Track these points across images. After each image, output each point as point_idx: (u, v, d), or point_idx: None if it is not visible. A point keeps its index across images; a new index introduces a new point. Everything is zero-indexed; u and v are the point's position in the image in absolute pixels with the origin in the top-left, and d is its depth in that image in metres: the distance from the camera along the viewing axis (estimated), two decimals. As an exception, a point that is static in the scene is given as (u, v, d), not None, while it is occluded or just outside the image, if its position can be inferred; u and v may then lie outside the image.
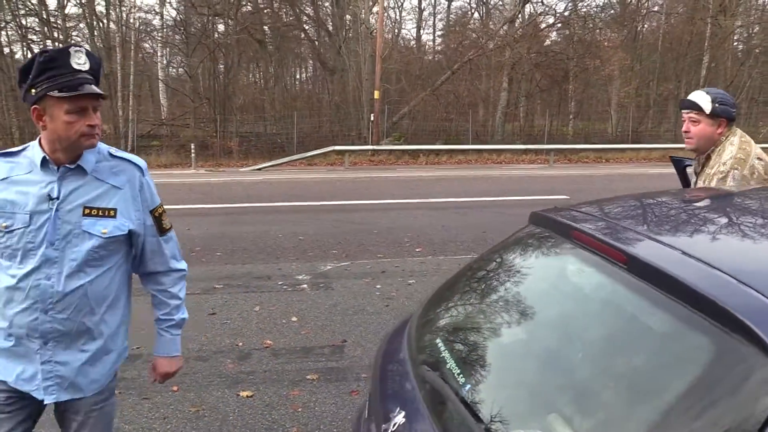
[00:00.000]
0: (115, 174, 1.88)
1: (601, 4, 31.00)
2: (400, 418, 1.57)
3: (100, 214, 1.84)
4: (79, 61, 1.73)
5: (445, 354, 1.64)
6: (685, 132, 2.89)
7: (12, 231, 1.76)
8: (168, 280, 2.10)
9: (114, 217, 1.86)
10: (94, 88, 1.75)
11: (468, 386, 1.46)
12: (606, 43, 26.77)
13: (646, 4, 30.31)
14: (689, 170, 3.14)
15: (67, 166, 1.81)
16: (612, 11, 30.89)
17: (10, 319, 1.81)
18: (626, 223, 1.73)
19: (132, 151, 22.52)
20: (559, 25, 27.43)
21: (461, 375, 1.52)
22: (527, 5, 27.07)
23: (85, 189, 1.83)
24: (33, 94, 1.72)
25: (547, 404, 1.41)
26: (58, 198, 1.79)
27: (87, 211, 1.82)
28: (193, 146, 19.59)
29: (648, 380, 1.29)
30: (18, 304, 1.79)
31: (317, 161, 19.91)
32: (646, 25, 31.37)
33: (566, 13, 27.34)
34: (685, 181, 3.26)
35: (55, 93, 1.71)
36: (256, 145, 24.16)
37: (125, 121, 23.87)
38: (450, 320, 1.89)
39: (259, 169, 18.16)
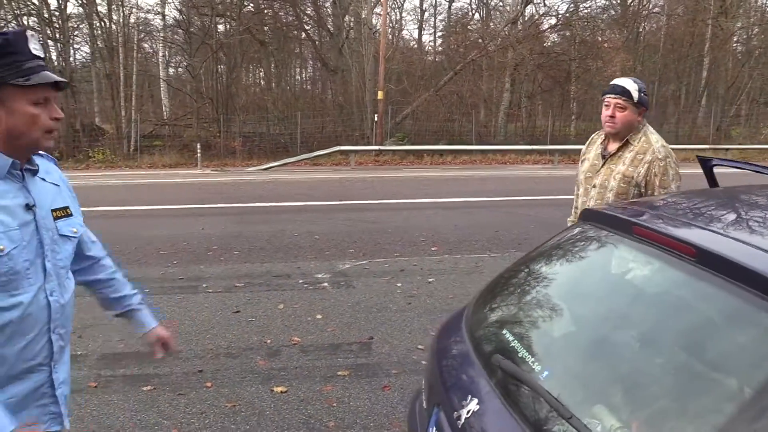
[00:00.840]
0: (48, 172, 1.73)
1: (602, 5, 31.02)
2: (473, 405, 1.63)
3: (63, 214, 1.72)
4: (36, 47, 1.54)
5: (515, 344, 1.70)
6: (611, 117, 2.95)
7: (8, 254, 1.53)
8: (112, 261, 2.00)
9: (72, 215, 1.76)
10: (58, 77, 1.57)
11: (546, 373, 1.53)
12: (606, 45, 26.86)
13: (648, 6, 30.42)
14: (598, 150, 3.18)
15: (29, 167, 1.63)
16: (613, 12, 31.03)
17: (16, 357, 1.58)
18: (685, 218, 1.80)
19: (135, 152, 22.72)
20: (560, 25, 27.51)
21: (535, 363, 1.59)
22: (529, 6, 27.20)
23: (44, 191, 1.68)
24: None
25: (623, 393, 1.47)
26: (35, 205, 1.62)
27: (55, 213, 1.69)
28: (198, 146, 19.63)
29: (725, 370, 1.35)
30: (23, 337, 1.58)
31: (322, 161, 19.99)
32: (647, 27, 31.49)
33: (568, 15, 27.45)
34: (712, 181, 3.32)
35: (20, 81, 1.50)
36: (259, 145, 24.21)
37: (128, 121, 23.92)
38: (512, 312, 1.95)
39: (266, 169, 18.23)
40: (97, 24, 25.81)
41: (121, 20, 25.36)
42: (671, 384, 1.41)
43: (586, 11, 28.22)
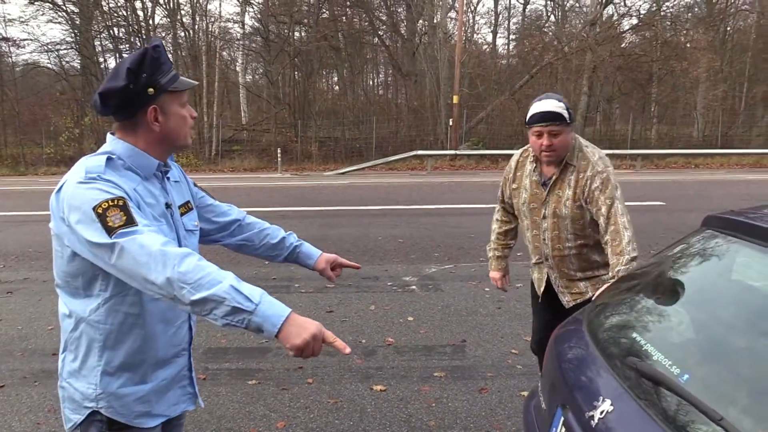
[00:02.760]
0: (170, 171, 1.82)
1: (686, 3, 29.83)
2: (606, 406, 1.65)
3: (186, 209, 1.82)
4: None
5: (648, 347, 1.72)
6: (549, 146, 2.65)
7: None
8: (242, 212, 2.11)
9: (192, 209, 1.86)
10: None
11: (686, 376, 1.54)
12: (688, 44, 25.89)
13: (736, 3, 29.06)
14: (533, 178, 2.86)
15: (165, 168, 1.74)
16: (697, 10, 29.83)
17: (168, 343, 1.71)
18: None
19: (216, 156, 23.54)
20: (640, 24, 26.66)
21: (673, 366, 1.60)
22: (608, 7, 26.55)
23: (173, 190, 1.78)
24: (151, 93, 1.58)
25: (753, 402, 1.47)
26: (172, 204, 1.74)
27: (181, 210, 1.78)
28: (279, 151, 20.18)
29: None
30: (173, 324, 1.71)
31: (398, 166, 20.19)
32: (735, 25, 30.10)
33: (649, 14, 26.59)
34: None
35: (175, 86, 1.62)
36: (334, 149, 24.69)
37: (209, 126, 24.85)
38: (640, 316, 1.96)
39: (343, 173, 18.57)
40: (182, 34, 26.99)
41: (203, 29, 26.43)
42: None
43: (669, 10, 27.28)
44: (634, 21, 27.21)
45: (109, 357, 1.59)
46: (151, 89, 1.57)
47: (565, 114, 2.64)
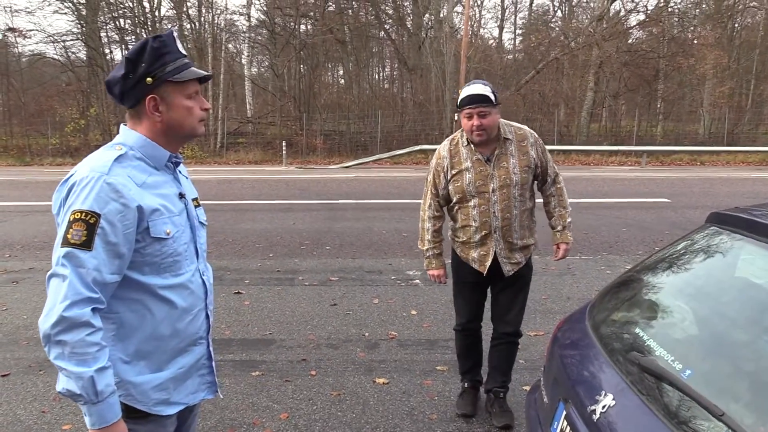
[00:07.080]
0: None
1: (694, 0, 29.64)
2: (608, 400, 1.66)
3: (197, 204, 1.83)
4: (181, 46, 1.66)
5: (651, 343, 1.73)
6: (479, 125, 2.91)
7: (173, 237, 1.65)
8: None
9: (200, 205, 1.86)
10: (203, 71, 1.71)
11: (688, 372, 1.55)
12: (695, 41, 25.75)
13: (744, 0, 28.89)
14: (475, 157, 3.04)
15: (177, 159, 1.74)
16: (705, 6, 29.64)
17: (184, 331, 1.72)
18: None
19: (221, 148, 23.55)
20: (647, 20, 26.54)
21: (675, 361, 1.61)
22: (615, 2, 26.42)
23: (185, 182, 1.81)
24: (149, 83, 1.59)
25: (756, 397, 1.48)
26: (185, 194, 1.75)
27: (194, 202, 1.80)
28: (284, 144, 20.19)
29: None
30: (190, 313, 1.73)
31: (402, 160, 20.18)
32: (743, 22, 29.92)
33: (657, 10, 26.46)
34: None
35: (178, 77, 1.62)
36: (339, 143, 24.68)
37: (215, 119, 24.86)
38: (642, 311, 1.97)
39: (348, 167, 18.57)
40: (188, 26, 26.96)
41: (209, 21, 26.39)
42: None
43: (677, 6, 27.13)
44: (642, 17, 27.11)
45: (123, 346, 1.61)
46: (149, 79, 1.59)
47: (491, 96, 2.91)
